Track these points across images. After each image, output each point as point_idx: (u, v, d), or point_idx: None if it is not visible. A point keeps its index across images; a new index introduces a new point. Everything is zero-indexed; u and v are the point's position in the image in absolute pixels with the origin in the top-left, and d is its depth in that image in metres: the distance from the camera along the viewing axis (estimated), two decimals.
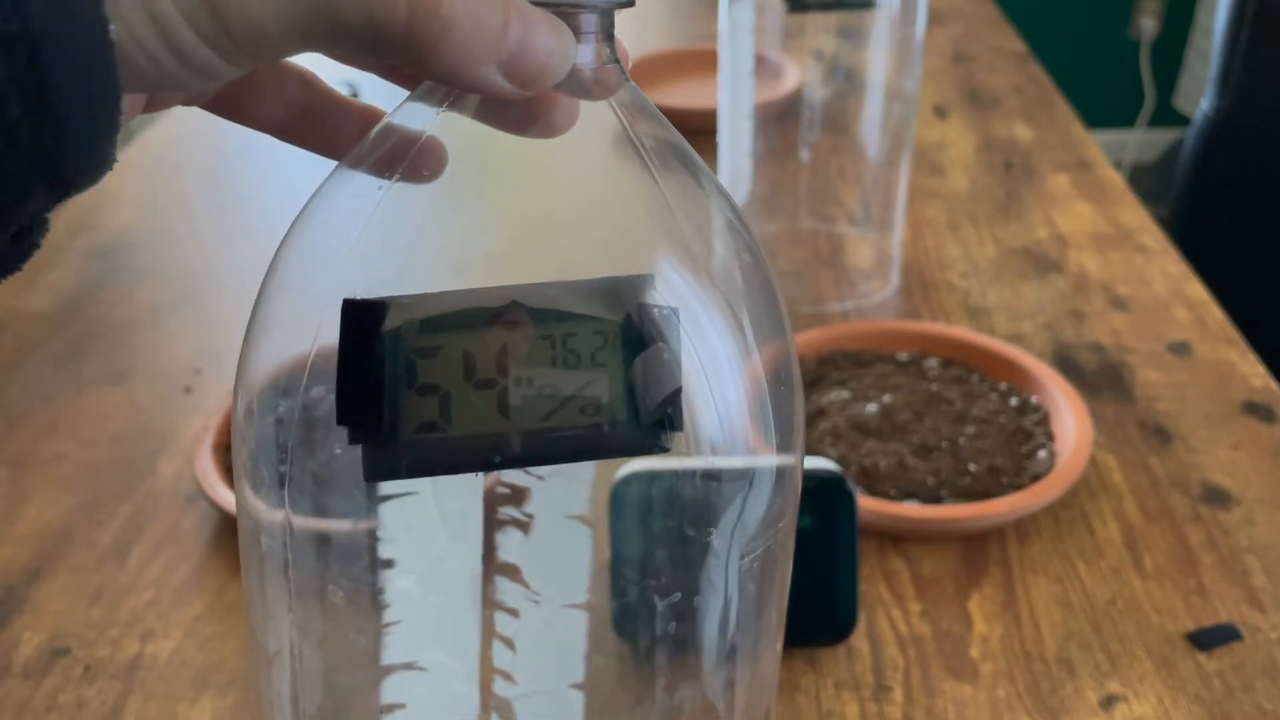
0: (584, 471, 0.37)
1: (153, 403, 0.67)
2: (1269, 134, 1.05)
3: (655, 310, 0.33)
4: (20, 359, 0.72)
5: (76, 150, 0.21)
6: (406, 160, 0.30)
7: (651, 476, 0.47)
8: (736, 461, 0.48)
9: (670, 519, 0.48)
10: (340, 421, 0.29)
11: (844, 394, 0.62)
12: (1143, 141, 2.78)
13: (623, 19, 0.30)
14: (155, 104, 0.28)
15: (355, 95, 0.34)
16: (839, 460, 0.57)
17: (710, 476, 0.47)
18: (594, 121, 0.30)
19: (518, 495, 0.36)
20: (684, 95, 1.04)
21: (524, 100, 0.27)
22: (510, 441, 0.30)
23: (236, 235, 0.87)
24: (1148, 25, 2.70)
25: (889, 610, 0.51)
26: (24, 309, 0.78)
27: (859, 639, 0.50)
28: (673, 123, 0.32)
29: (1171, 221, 1.15)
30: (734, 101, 0.72)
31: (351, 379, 0.30)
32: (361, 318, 0.29)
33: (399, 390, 0.29)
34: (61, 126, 0.21)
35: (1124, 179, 0.91)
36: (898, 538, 0.55)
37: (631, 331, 0.32)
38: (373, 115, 0.32)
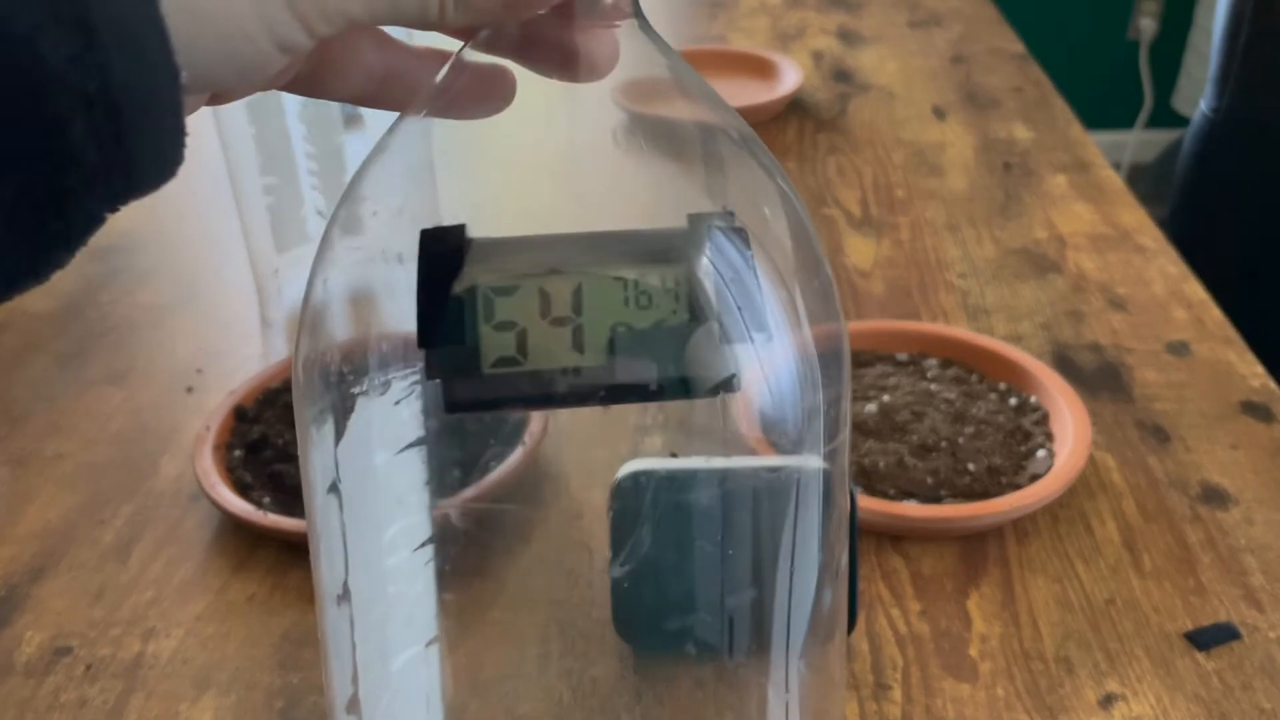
0: None
1: (154, 403, 0.68)
2: (1267, 134, 1.05)
3: (727, 254, 0.34)
4: (22, 359, 0.72)
5: (144, 184, 0.24)
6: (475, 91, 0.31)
7: (653, 474, 0.47)
8: (747, 462, 0.48)
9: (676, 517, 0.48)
10: (421, 344, 0.31)
11: None
12: (1141, 142, 2.78)
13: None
14: (222, 98, 0.29)
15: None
16: None
17: (715, 477, 0.47)
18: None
19: None
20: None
21: (556, 38, 0.29)
22: (584, 377, 0.31)
23: (237, 236, 0.87)
24: (1146, 26, 2.70)
25: (888, 609, 0.52)
26: (26, 309, 0.78)
27: (858, 638, 0.50)
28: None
29: (1170, 222, 1.15)
30: None
31: (432, 310, 0.32)
32: (439, 247, 0.31)
33: (478, 325, 0.30)
34: (132, 169, 0.23)
35: (1122, 179, 0.91)
36: (897, 537, 0.55)
37: (701, 278, 0.33)
38: (445, 58, 0.32)
